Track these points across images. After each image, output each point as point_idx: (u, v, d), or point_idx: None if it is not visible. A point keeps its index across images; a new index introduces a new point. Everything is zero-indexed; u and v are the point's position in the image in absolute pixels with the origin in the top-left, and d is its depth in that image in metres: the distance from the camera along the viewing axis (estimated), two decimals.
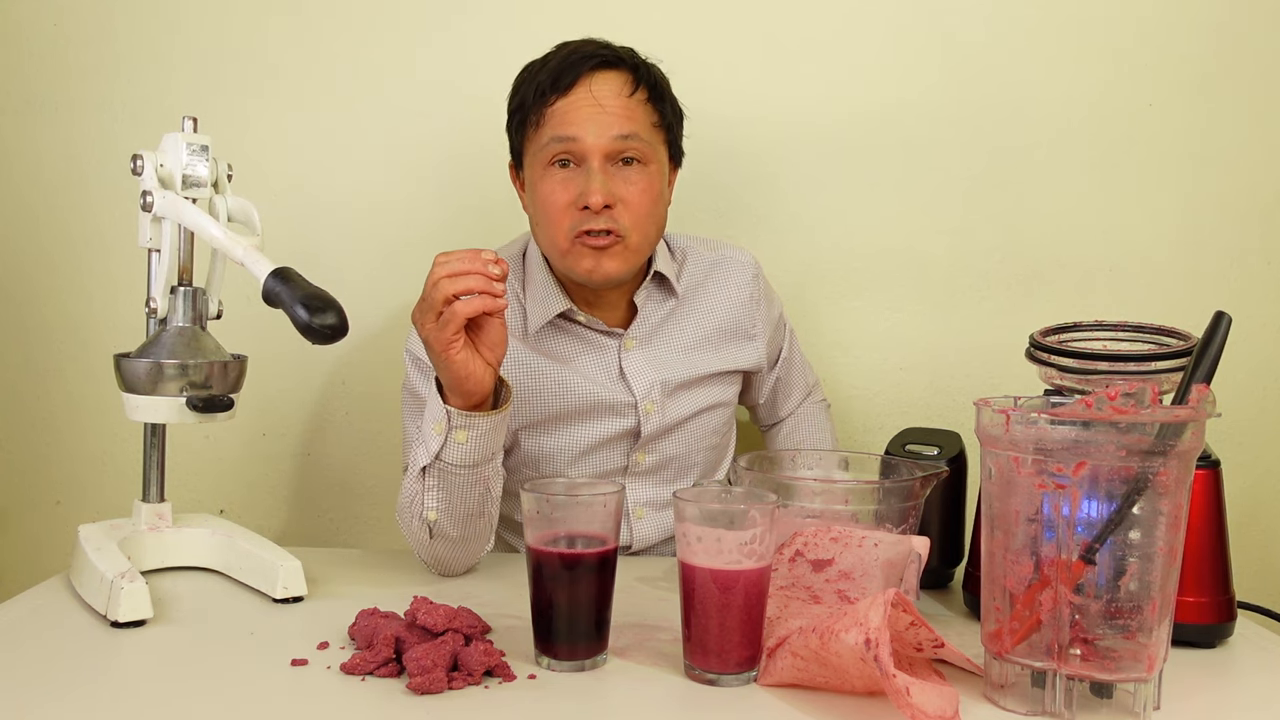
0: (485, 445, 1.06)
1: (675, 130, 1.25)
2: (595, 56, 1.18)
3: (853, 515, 0.97)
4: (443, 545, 1.11)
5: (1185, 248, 1.58)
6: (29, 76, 1.58)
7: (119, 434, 1.60)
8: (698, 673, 0.85)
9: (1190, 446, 0.77)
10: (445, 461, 1.06)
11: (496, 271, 0.99)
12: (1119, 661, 0.78)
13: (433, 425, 1.06)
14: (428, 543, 1.10)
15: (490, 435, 1.06)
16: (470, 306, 0.98)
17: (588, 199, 1.14)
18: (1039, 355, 1.03)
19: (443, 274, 0.98)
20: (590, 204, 1.14)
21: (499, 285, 0.99)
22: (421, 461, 1.07)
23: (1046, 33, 1.56)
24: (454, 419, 1.04)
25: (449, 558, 1.12)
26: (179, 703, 0.80)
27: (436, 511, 1.08)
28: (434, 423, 1.05)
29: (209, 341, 1.06)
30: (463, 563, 1.14)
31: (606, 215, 1.16)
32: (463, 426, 1.04)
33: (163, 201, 1.03)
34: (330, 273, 1.48)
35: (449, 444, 1.05)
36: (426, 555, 1.12)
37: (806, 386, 1.48)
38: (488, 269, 0.98)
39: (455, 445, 1.05)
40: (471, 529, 1.11)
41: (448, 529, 1.09)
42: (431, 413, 1.06)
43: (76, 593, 1.04)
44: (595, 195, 1.14)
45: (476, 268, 0.98)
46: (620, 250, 1.18)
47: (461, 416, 1.04)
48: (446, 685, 0.82)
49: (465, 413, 1.04)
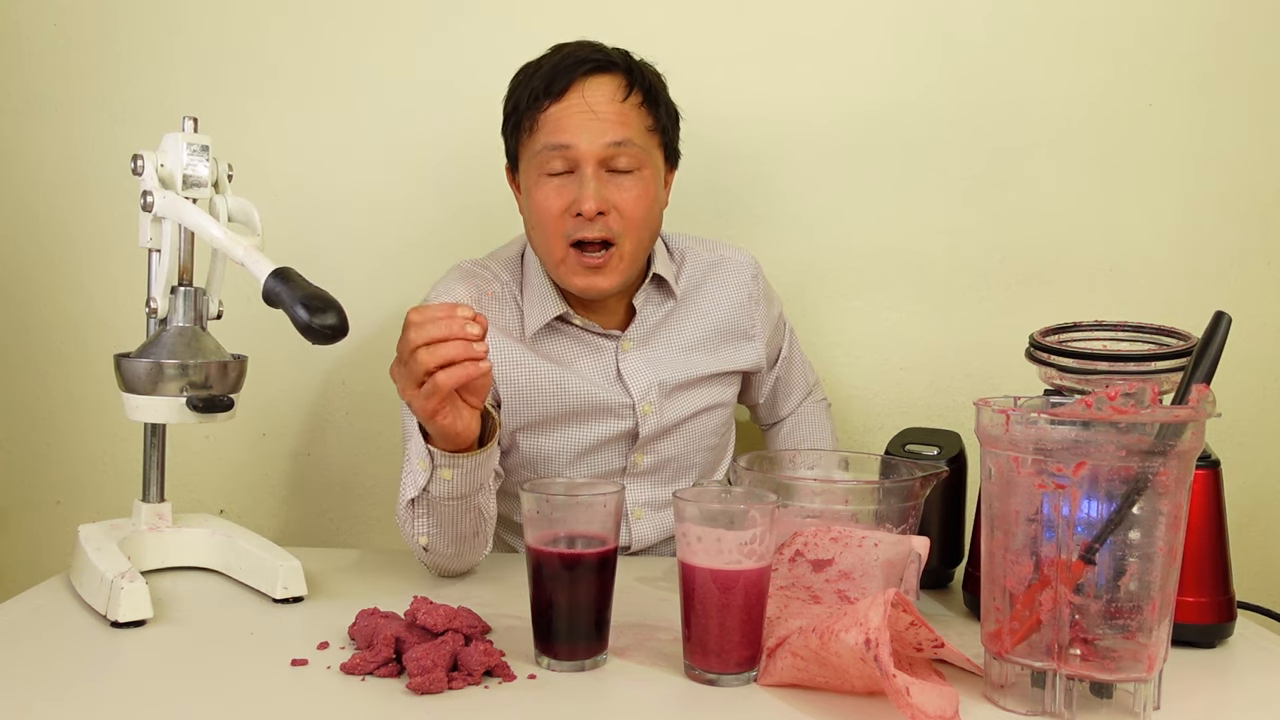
0: (473, 479, 1.05)
1: (671, 132, 1.25)
2: (588, 61, 1.17)
3: (853, 515, 0.97)
4: (439, 559, 1.11)
5: (1185, 248, 1.58)
6: (29, 76, 1.58)
7: (119, 434, 1.60)
8: (698, 673, 0.85)
9: (1190, 446, 0.77)
10: (433, 495, 1.05)
11: (475, 331, 0.92)
12: (1119, 661, 0.78)
13: (417, 461, 1.04)
14: (425, 555, 1.11)
15: (477, 471, 1.04)
16: (453, 378, 0.91)
17: (581, 206, 1.14)
18: (1039, 355, 1.03)
19: (420, 342, 0.91)
20: (584, 211, 1.14)
21: (479, 347, 0.92)
22: (409, 494, 1.06)
23: (1046, 33, 1.56)
24: (438, 459, 1.02)
25: (447, 566, 1.13)
26: (179, 703, 0.80)
27: (429, 537, 1.08)
28: (418, 459, 1.04)
29: (209, 341, 1.06)
30: (461, 568, 1.14)
31: (600, 222, 1.16)
32: (448, 466, 1.02)
33: (163, 201, 1.03)
34: (330, 273, 1.48)
35: (435, 480, 1.03)
36: (426, 561, 1.13)
37: (807, 386, 1.48)
38: (466, 330, 0.91)
39: (441, 481, 1.03)
40: (466, 546, 1.10)
41: (442, 549, 1.09)
42: (415, 449, 1.03)
43: (76, 593, 1.04)
44: (588, 202, 1.14)
45: (455, 332, 0.91)
46: (614, 264, 1.18)
47: (445, 457, 1.02)
48: (446, 685, 0.82)
49: (450, 454, 1.02)
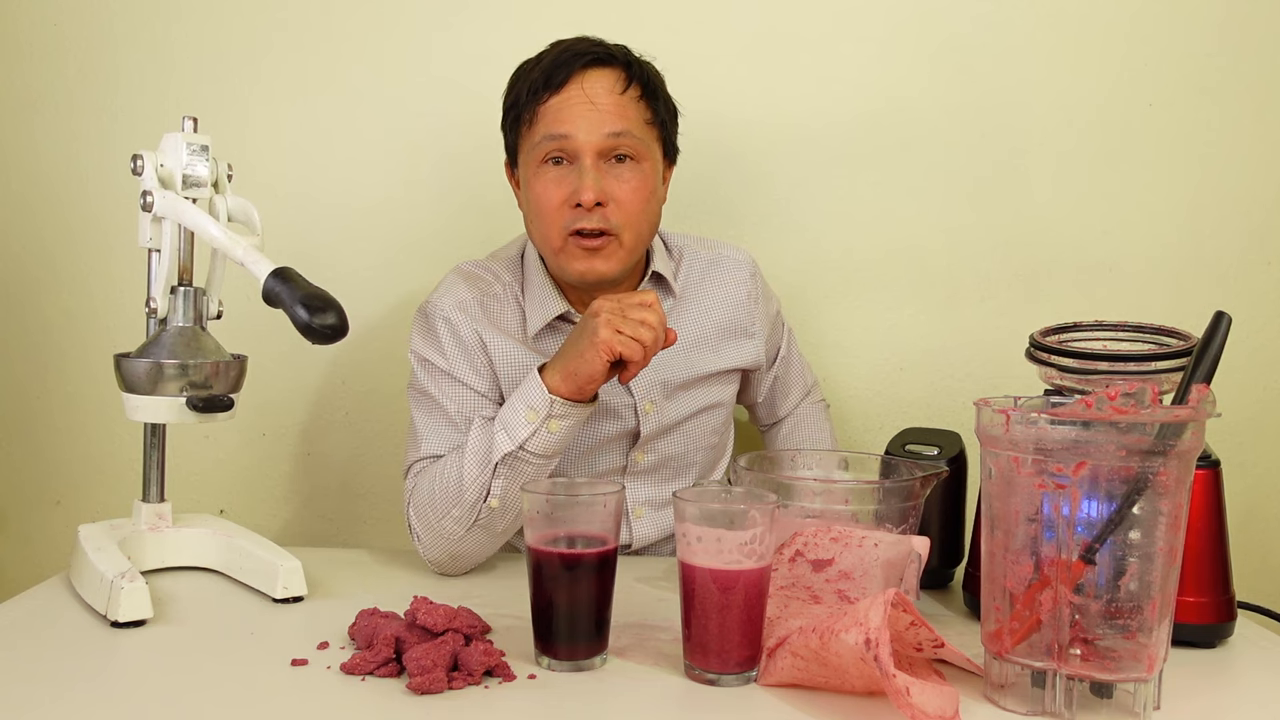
0: (570, 434, 1.10)
1: (669, 127, 1.25)
2: (588, 54, 1.18)
3: (853, 515, 0.97)
4: (477, 537, 1.12)
5: (1185, 248, 1.58)
6: (29, 76, 1.58)
7: (119, 434, 1.60)
8: (698, 673, 0.85)
9: (1190, 446, 0.77)
10: (528, 450, 1.08)
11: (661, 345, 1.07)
12: (1119, 661, 0.78)
13: (525, 413, 1.07)
14: (459, 536, 1.12)
15: (578, 425, 1.10)
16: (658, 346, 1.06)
17: (580, 196, 1.15)
18: (1039, 355, 1.03)
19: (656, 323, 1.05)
20: (583, 201, 1.15)
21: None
22: (503, 449, 1.08)
23: (1046, 33, 1.56)
24: (555, 408, 1.06)
25: (471, 552, 1.14)
26: (179, 703, 0.80)
27: (500, 500, 1.10)
28: (527, 410, 1.07)
29: (209, 341, 1.06)
30: (479, 558, 1.15)
31: (599, 214, 1.16)
32: (561, 416, 1.07)
33: (163, 201, 1.03)
34: (330, 272, 1.48)
35: (539, 432, 1.07)
36: (442, 552, 1.13)
37: (805, 386, 1.48)
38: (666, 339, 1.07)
39: (546, 434, 1.07)
40: (514, 524, 1.13)
41: (497, 522, 1.11)
42: (526, 400, 1.07)
43: (76, 593, 1.04)
44: (587, 192, 1.15)
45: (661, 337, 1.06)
46: (613, 250, 1.18)
47: (565, 406, 1.06)
48: (446, 685, 0.82)
49: (570, 402, 1.06)
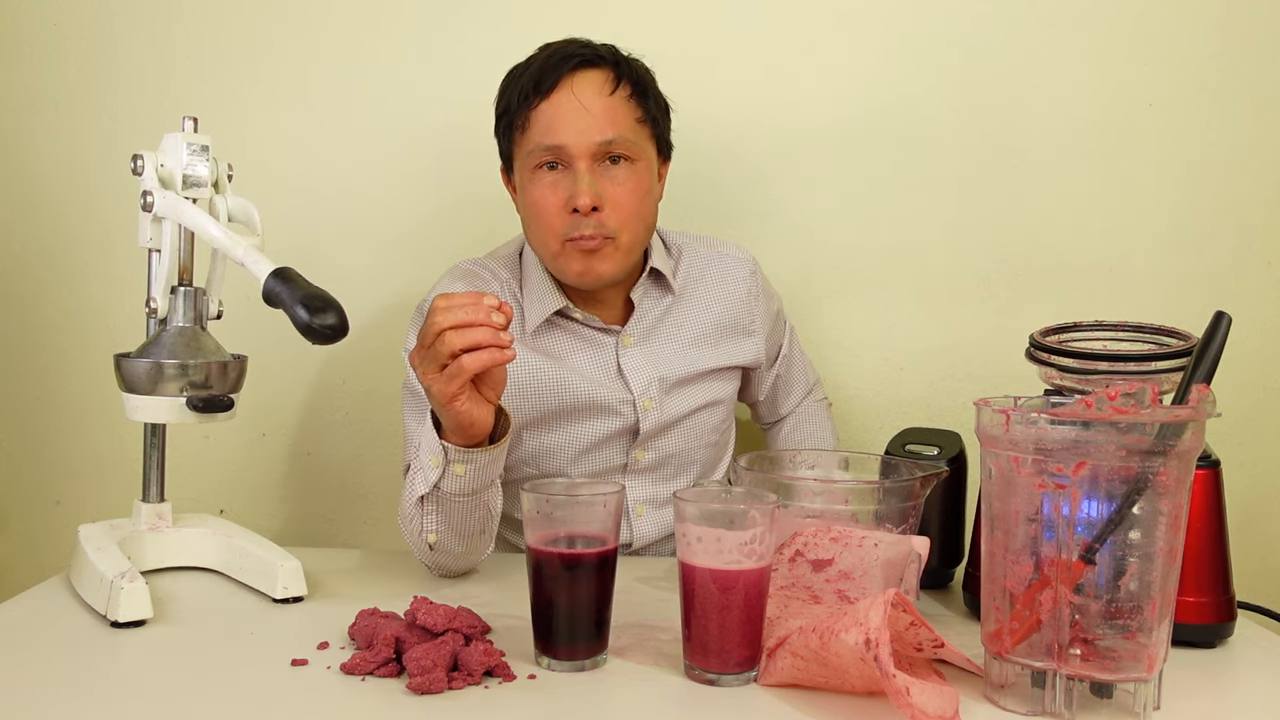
0: (484, 475, 1.05)
1: (662, 124, 1.25)
2: (575, 56, 1.18)
3: (853, 515, 0.97)
4: (444, 558, 1.11)
5: (1185, 248, 1.58)
6: (29, 76, 1.58)
7: (119, 434, 1.60)
8: (698, 673, 0.85)
9: (1190, 446, 0.77)
10: (444, 491, 1.05)
11: (501, 320, 0.94)
12: (1119, 661, 0.78)
13: (429, 458, 1.04)
14: (429, 554, 1.11)
15: (489, 466, 1.05)
16: (478, 362, 0.93)
17: (576, 201, 1.15)
18: (1039, 355, 1.03)
19: (447, 325, 0.92)
20: (579, 206, 1.15)
21: (505, 335, 0.94)
22: (420, 490, 1.06)
23: (1046, 33, 1.56)
24: (451, 454, 1.02)
25: (451, 566, 1.13)
26: (179, 703, 0.80)
27: (437, 534, 1.08)
28: (430, 455, 1.04)
29: (209, 341, 1.06)
30: (464, 568, 1.14)
31: (595, 219, 1.16)
32: (461, 461, 1.03)
33: (163, 201, 1.03)
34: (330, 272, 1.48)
35: (447, 476, 1.04)
36: (428, 562, 1.13)
37: (807, 384, 1.48)
38: (492, 318, 0.93)
39: (454, 477, 1.04)
40: (473, 544, 1.11)
41: (449, 547, 1.09)
42: (428, 445, 1.04)
43: (76, 593, 1.04)
44: (583, 198, 1.14)
45: (481, 318, 0.93)
46: (611, 251, 1.18)
47: (459, 452, 1.02)
48: (446, 685, 0.82)
49: (464, 449, 1.02)
